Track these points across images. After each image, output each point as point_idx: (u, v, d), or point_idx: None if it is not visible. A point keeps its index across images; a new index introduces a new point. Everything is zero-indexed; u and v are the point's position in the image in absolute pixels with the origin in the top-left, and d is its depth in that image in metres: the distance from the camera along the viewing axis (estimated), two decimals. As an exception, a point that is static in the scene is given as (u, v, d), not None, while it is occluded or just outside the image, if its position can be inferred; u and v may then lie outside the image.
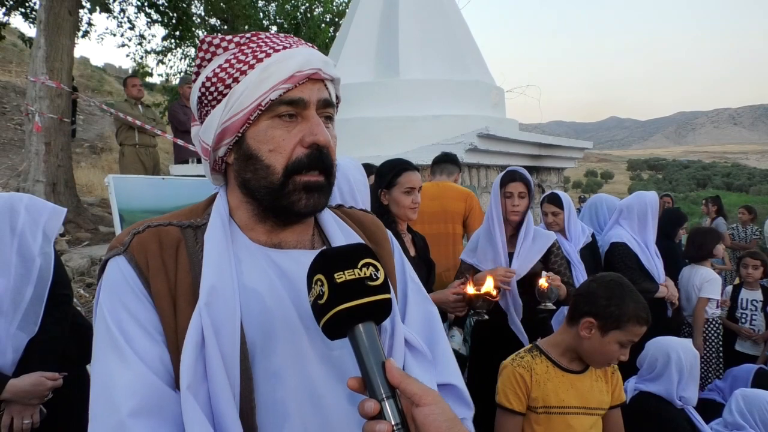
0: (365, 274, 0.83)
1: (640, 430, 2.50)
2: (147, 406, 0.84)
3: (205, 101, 1.01)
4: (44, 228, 2.18)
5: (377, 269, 0.84)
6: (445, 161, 4.35)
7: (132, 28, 13.15)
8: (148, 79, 17.54)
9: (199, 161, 7.46)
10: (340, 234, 1.09)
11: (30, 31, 11.75)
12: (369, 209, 2.20)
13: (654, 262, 3.84)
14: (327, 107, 1.02)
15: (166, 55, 14.71)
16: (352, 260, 0.83)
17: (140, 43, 13.74)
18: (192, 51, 15.05)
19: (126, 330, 0.89)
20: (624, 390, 2.67)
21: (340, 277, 0.81)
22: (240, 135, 0.99)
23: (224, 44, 1.00)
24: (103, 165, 12.62)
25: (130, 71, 16.47)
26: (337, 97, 1.07)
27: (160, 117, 10.55)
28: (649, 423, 2.55)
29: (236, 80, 0.97)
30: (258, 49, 0.98)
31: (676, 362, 2.59)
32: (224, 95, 0.98)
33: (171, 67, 15.83)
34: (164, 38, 14.15)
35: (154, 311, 0.92)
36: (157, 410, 0.85)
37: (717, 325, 4.42)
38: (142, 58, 14.31)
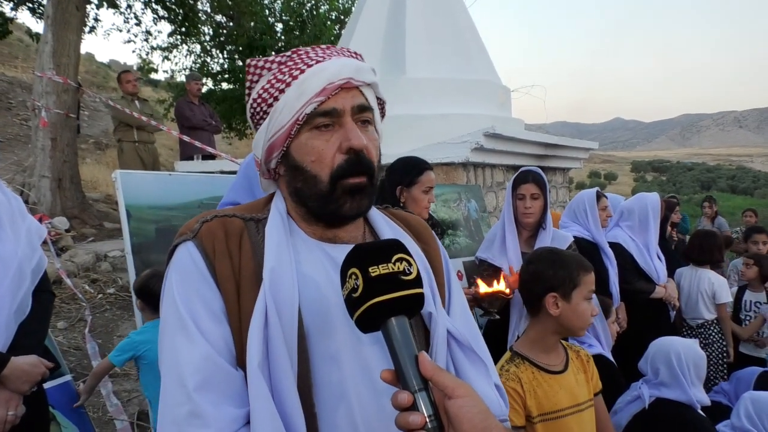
0: (399, 268, 0.85)
1: None
2: (210, 381, 0.92)
3: (255, 120, 1.11)
4: (37, 231, 2.19)
5: (410, 264, 0.87)
6: None
7: (138, 24, 13.17)
8: (154, 76, 17.58)
9: (203, 158, 7.51)
10: (390, 231, 1.15)
11: (37, 26, 11.79)
12: None
13: (652, 264, 3.82)
14: (363, 112, 1.07)
15: (171, 52, 14.74)
16: (386, 255, 0.86)
17: (146, 39, 13.76)
18: (197, 47, 15.07)
19: (193, 311, 0.96)
20: (641, 396, 2.64)
21: (375, 271, 0.84)
22: (285, 148, 1.07)
23: (267, 65, 1.09)
24: (108, 161, 12.64)
25: (135, 67, 16.48)
26: (380, 100, 1.14)
27: (158, 111, 10.53)
28: (674, 429, 2.51)
29: (276, 99, 1.05)
30: (294, 66, 1.05)
31: (678, 363, 2.56)
32: (267, 114, 1.07)
33: (176, 63, 15.91)
34: (170, 34, 14.16)
35: (219, 294, 0.99)
36: (218, 386, 0.92)
37: (719, 328, 4.40)
38: (147, 54, 14.37)
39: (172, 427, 0.91)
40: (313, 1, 15.28)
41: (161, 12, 12.75)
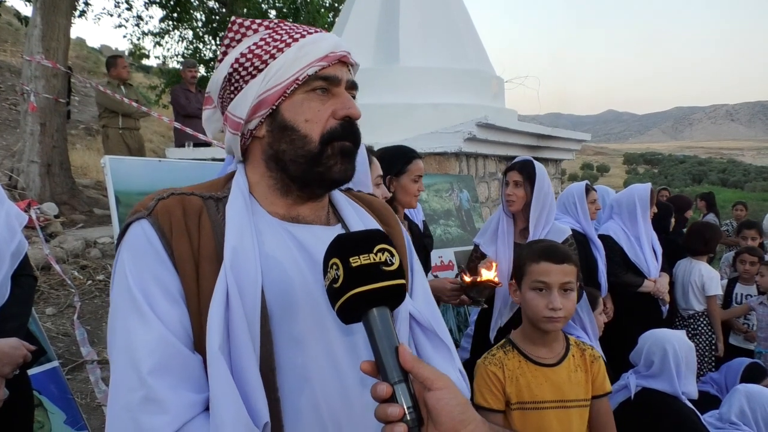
0: (380, 259, 0.84)
1: (650, 427, 2.48)
2: (166, 364, 0.87)
3: (237, 77, 1.06)
4: (17, 217, 2.15)
5: (392, 255, 0.86)
6: None
7: (129, 8, 13.06)
8: (145, 62, 17.41)
9: (195, 145, 7.46)
10: (354, 213, 1.14)
11: (26, 9, 11.62)
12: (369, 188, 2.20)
13: (644, 256, 3.82)
14: (352, 89, 1.11)
15: (163, 37, 14.58)
16: (367, 245, 0.85)
17: (137, 25, 13.65)
18: (190, 33, 14.92)
19: (147, 292, 0.92)
20: (626, 386, 2.64)
21: (356, 261, 0.83)
22: (274, 108, 1.04)
23: (254, 26, 1.07)
24: (98, 147, 12.48)
25: (126, 53, 16.30)
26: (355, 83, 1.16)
27: (149, 97, 10.41)
28: (659, 419, 2.51)
29: (273, 57, 1.03)
30: (291, 31, 1.06)
31: (673, 356, 2.56)
32: (260, 70, 1.04)
33: (168, 49, 15.72)
34: (162, 20, 14.02)
35: (175, 274, 0.95)
36: (175, 369, 0.88)
37: (709, 320, 4.43)
38: (139, 39, 14.21)
39: (124, 414, 0.85)
40: (307, -12, 15.15)
41: (153, -3, 12.62)
